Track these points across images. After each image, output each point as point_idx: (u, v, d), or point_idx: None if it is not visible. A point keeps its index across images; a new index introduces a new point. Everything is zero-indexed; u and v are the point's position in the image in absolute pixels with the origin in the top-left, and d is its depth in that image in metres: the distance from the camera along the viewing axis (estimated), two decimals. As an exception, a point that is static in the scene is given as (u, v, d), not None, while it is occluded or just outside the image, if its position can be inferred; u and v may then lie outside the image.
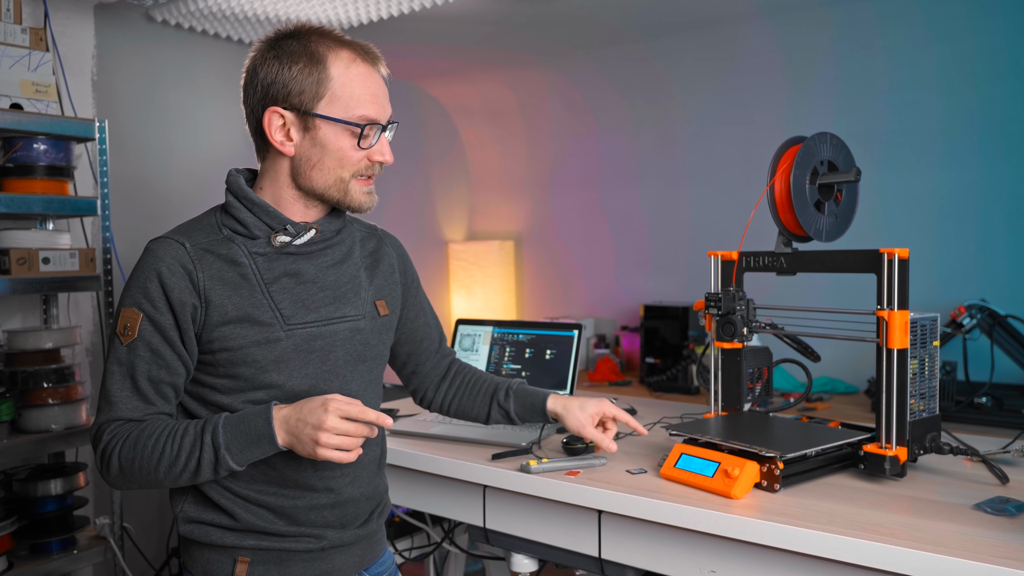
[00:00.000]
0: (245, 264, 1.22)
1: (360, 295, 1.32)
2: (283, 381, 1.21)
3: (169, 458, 1.14)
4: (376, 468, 1.37)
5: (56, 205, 2.21)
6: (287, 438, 1.14)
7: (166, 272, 1.17)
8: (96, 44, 2.62)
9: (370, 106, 1.23)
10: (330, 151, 1.23)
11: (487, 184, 3.98)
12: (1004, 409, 2.28)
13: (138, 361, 1.17)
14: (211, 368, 1.21)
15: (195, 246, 1.20)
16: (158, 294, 1.17)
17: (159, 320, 1.17)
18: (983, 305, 2.38)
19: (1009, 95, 2.60)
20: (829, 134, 1.57)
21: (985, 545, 1.11)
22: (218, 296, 1.19)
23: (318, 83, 1.22)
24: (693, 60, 3.24)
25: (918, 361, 1.43)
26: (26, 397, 2.18)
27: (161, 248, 1.19)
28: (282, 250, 1.24)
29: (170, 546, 2.74)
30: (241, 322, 1.19)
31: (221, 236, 1.23)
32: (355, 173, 1.25)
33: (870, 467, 1.42)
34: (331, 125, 1.22)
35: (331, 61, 1.22)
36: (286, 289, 1.23)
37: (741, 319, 1.63)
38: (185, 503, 1.24)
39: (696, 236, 3.23)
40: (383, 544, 1.40)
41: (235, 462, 1.14)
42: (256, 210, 1.24)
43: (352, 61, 1.23)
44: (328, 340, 1.25)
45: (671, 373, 2.88)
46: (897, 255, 1.38)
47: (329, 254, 1.29)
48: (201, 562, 1.25)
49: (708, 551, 1.35)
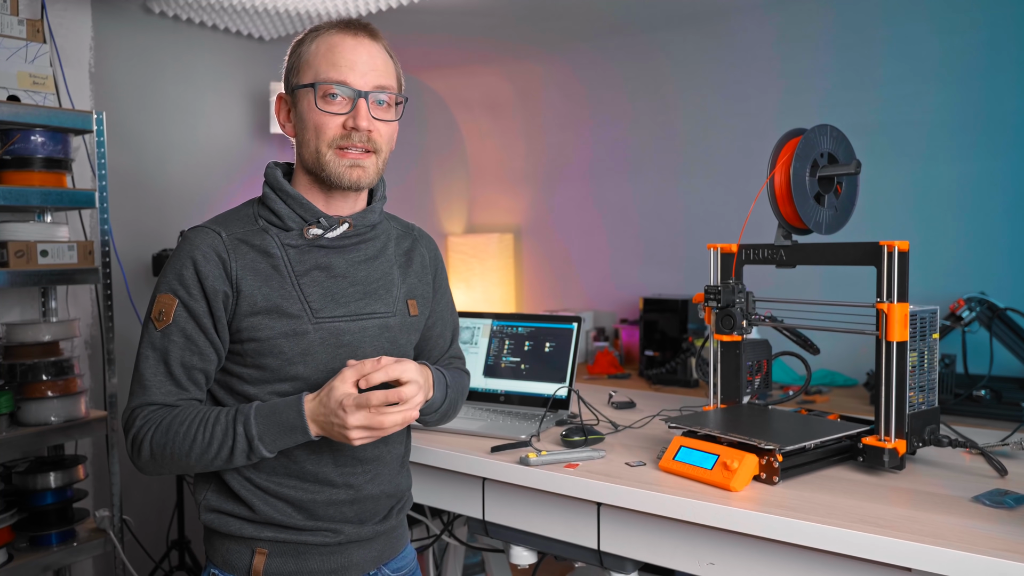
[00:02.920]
0: (277, 255, 1.23)
1: (392, 292, 1.32)
2: (308, 374, 1.22)
3: (201, 445, 1.15)
4: (399, 466, 1.37)
5: (54, 198, 2.20)
6: (319, 430, 1.16)
7: (201, 259, 1.18)
8: (94, 36, 2.61)
9: (336, 69, 1.21)
10: (305, 122, 1.24)
11: (486, 177, 3.98)
12: (1003, 402, 2.28)
13: (172, 346, 1.19)
14: (239, 358, 1.22)
15: (230, 235, 1.22)
16: (193, 281, 1.18)
17: (193, 306, 1.19)
18: (982, 298, 2.38)
19: (1009, 88, 2.59)
20: (829, 126, 1.57)
21: (984, 537, 1.11)
22: (249, 286, 1.20)
23: (296, 59, 1.26)
24: (691, 52, 3.23)
25: (917, 354, 1.43)
26: (25, 390, 2.18)
27: (197, 236, 1.21)
28: (314, 243, 1.25)
29: (169, 538, 2.74)
30: (270, 313, 1.20)
31: (256, 227, 1.25)
32: (331, 143, 1.22)
33: (869, 460, 1.42)
34: (304, 93, 1.24)
35: (307, 39, 1.26)
36: (316, 282, 1.24)
37: (741, 312, 1.63)
38: (208, 492, 1.26)
39: (694, 229, 3.22)
40: (404, 540, 1.40)
41: (268, 451, 1.16)
42: (291, 202, 1.25)
43: (328, 33, 1.24)
44: (356, 336, 1.26)
45: (670, 366, 2.88)
46: (897, 248, 1.38)
47: (362, 249, 1.30)
48: (222, 552, 1.26)
49: (707, 543, 1.35)
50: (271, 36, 3.14)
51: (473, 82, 3.78)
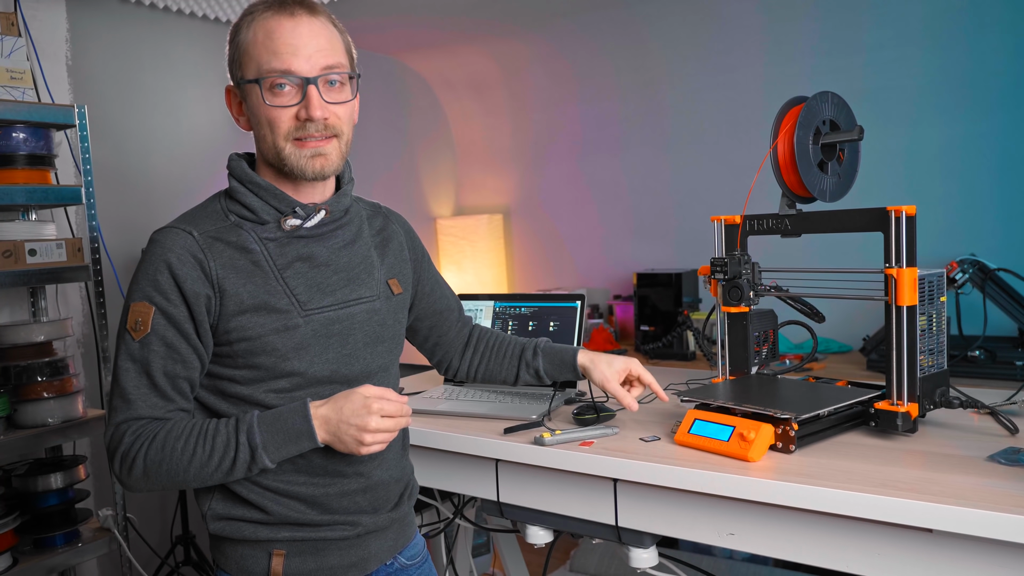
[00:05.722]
0: (256, 251, 1.18)
1: (373, 275, 1.30)
2: (304, 368, 1.19)
3: (201, 459, 1.11)
4: (401, 449, 1.36)
5: (39, 195, 2.15)
6: (326, 436, 1.13)
7: (176, 262, 1.13)
8: (69, 27, 2.55)
9: (278, 57, 1.14)
10: (257, 117, 1.18)
11: (473, 158, 3.95)
12: (997, 361, 2.31)
13: (152, 356, 1.13)
14: (228, 360, 1.17)
15: (203, 234, 1.16)
16: (170, 286, 1.13)
17: (173, 313, 1.13)
18: (974, 259, 2.40)
19: (994, 48, 2.60)
20: (830, 93, 1.56)
21: (1005, 496, 1.13)
22: (232, 285, 1.15)
23: (236, 49, 1.18)
24: (676, 25, 3.21)
25: (926, 317, 1.44)
26: (20, 392, 2.15)
27: (168, 238, 1.15)
28: (293, 234, 1.21)
29: (174, 534, 2.73)
30: (258, 310, 1.16)
31: (228, 223, 1.20)
32: (287, 136, 1.17)
33: (882, 424, 1.43)
34: (251, 88, 1.17)
35: (243, 24, 1.18)
36: (300, 274, 1.20)
37: (747, 283, 1.63)
38: (212, 501, 1.21)
39: (685, 202, 3.22)
40: (414, 527, 1.40)
41: (270, 460, 1.13)
42: (263, 194, 1.21)
43: (263, 17, 1.15)
44: (346, 323, 1.23)
45: (666, 340, 2.89)
46: (905, 212, 1.38)
47: (340, 235, 1.27)
48: (235, 558, 1.22)
49: (726, 514, 1.36)
50: (250, 22, 3.08)
51: (456, 62, 3.74)
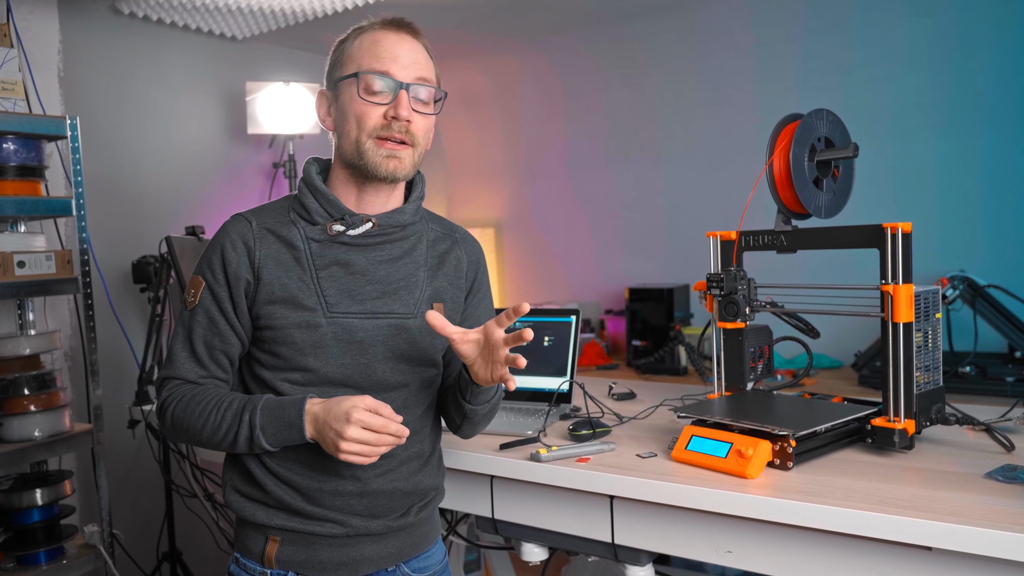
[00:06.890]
0: (300, 248, 1.26)
1: (414, 294, 1.30)
2: (319, 367, 1.24)
3: (212, 427, 1.21)
4: (420, 464, 1.34)
5: (29, 206, 2.14)
6: (314, 433, 1.18)
7: (228, 247, 1.25)
8: (61, 39, 2.54)
9: (379, 61, 1.25)
10: (347, 113, 1.26)
11: (465, 172, 3.95)
12: (988, 377, 2.32)
13: (196, 326, 1.26)
14: (259, 344, 1.27)
15: (260, 225, 1.27)
16: (219, 266, 1.25)
17: (217, 291, 1.25)
18: (964, 276, 2.42)
19: (982, 67, 2.64)
20: (825, 110, 1.57)
21: (1004, 513, 1.12)
22: (269, 275, 1.24)
23: (340, 54, 1.30)
24: (667, 41, 3.23)
25: (922, 334, 1.44)
26: (6, 405, 2.12)
27: (231, 224, 1.28)
28: (335, 239, 1.27)
29: (160, 551, 2.68)
30: (286, 303, 1.23)
31: (287, 219, 1.29)
32: (371, 133, 1.24)
33: (879, 441, 1.43)
34: (346, 86, 1.27)
35: (351, 36, 1.30)
36: (334, 277, 1.26)
37: (743, 299, 1.63)
38: (234, 473, 1.31)
39: (676, 217, 3.23)
40: (430, 538, 1.38)
41: (268, 443, 1.20)
42: (319, 197, 1.28)
43: (371, 30, 1.29)
44: (369, 333, 1.26)
45: (658, 355, 2.89)
46: (900, 229, 1.39)
47: (387, 249, 1.30)
48: (242, 538, 1.31)
49: (723, 531, 1.35)
50: (244, 35, 3.07)
51: (448, 76, 3.72)
